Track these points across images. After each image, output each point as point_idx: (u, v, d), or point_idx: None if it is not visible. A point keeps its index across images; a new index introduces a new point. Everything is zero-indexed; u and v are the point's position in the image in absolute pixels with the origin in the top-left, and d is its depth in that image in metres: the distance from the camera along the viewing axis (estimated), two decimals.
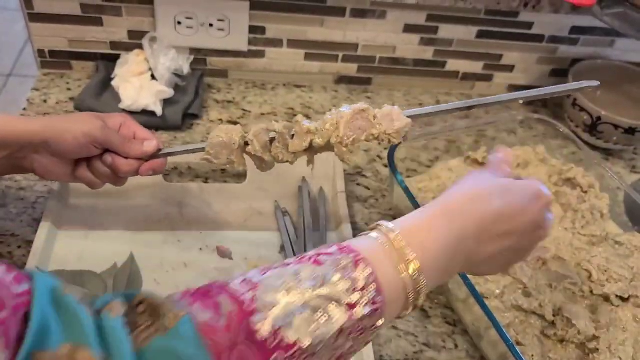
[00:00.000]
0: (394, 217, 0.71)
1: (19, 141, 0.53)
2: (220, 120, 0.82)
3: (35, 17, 0.79)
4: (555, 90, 0.53)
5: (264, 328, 0.33)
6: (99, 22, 0.80)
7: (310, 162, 0.54)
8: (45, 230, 0.62)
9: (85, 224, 0.65)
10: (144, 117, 0.77)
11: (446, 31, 0.85)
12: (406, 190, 0.63)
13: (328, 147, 0.52)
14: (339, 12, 0.82)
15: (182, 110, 0.79)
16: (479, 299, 0.55)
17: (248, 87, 0.88)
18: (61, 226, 0.64)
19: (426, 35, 0.86)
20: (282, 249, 0.66)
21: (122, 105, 0.77)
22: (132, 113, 0.77)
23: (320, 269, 0.36)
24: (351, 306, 0.35)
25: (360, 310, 0.35)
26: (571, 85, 0.54)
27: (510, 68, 0.92)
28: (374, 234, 0.40)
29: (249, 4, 0.79)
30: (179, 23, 0.80)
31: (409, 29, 0.85)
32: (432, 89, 0.93)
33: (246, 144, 0.54)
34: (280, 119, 0.83)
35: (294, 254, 0.65)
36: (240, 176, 0.72)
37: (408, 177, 0.74)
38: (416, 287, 0.39)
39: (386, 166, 0.78)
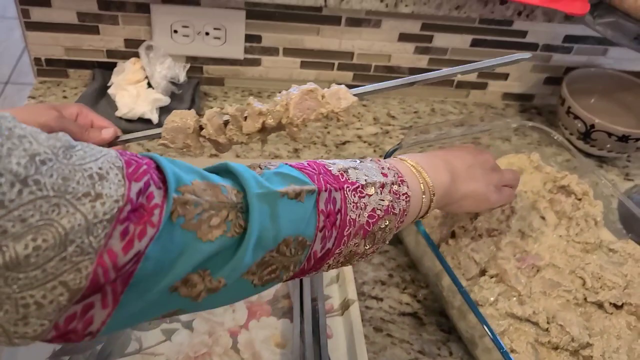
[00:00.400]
0: None
1: None
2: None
3: (32, 26, 0.80)
4: (491, 63, 0.59)
5: (334, 168, 0.44)
6: (95, 31, 0.81)
7: (263, 142, 0.56)
8: None
9: None
10: (140, 124, 0.77)
11: (441, 40, 0.86)
12: None
13: (280, 127, 0.54)
14: (335, 20, 0.82)
15: None
16: (473, 306, 0.55)
17: (244, 95, 0.88)
18: None
19: (421, 43, 0.86)
20: None
21: (118, 113, 0.77)
22: (128, 121, 0.77)
23: (356, 160, 0.48)
24: (384, 174, 0.47)
25: (390, 177, 0.47)
26: (506, 58, 0.59)
27: (504, 76, 0.92)
28: (399, 157, 0.54)
29: (245, 13, 0.80)
30: (175, 32, 0.81)
31: (404, 37, 0.85)
32: (427, 97, 0.94)
33: (201, 127, 0.55)
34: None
35: None
36: None
37: None
38: (430, 199, 0.51)
39: None
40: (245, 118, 0.54)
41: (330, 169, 0.45)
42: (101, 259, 0.30)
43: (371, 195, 0.45)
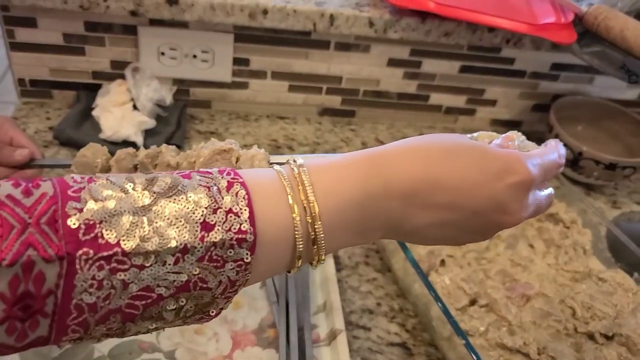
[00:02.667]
0: (378, 252, 0.71)
1: None
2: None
3: (16, 46, 0.78)
4: None
5: (79, 215, 0.28)
6: (81, 52, 0.80)
7: None
8: None
9: None
10: (125, 147, 0.75)
11: (429, 65, 0.86)
12: None
13: None
14: (324, 45, 0.82)
15: (164, 141, 0.78)
16: (463, 336, 0.54)
17: (231, 118, 0.88)
18: None
19: (410, 69, 0.86)
20: (263, 284, 0.65)
21: (102, 136, 0.76)
22: (113, 143, 0.76)
23: (182, 180, 0.31)
24: (207, 226, 0.30)
25: (219, 234, 0.30)
26: None
27: (492, 102, 0.93)
28: (277, 166, 0.35)
29: (234, 36, 0.79)
30: (163, 54, 0.80)
31: (392, 62, 0.85)
32: (416, 122, 0.93)
33: (110, 167, 0.52)
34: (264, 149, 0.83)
35: (275, 290, 0.63)
36: None
37: None
38: (309, 235, 0.33)
39: None
40: (155, 166, 0.50)
41: (70, 214, 0.28)
42: None
43: (145, 266, 0.29)
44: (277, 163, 0.40)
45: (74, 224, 0.28)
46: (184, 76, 0.83)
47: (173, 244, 0.29)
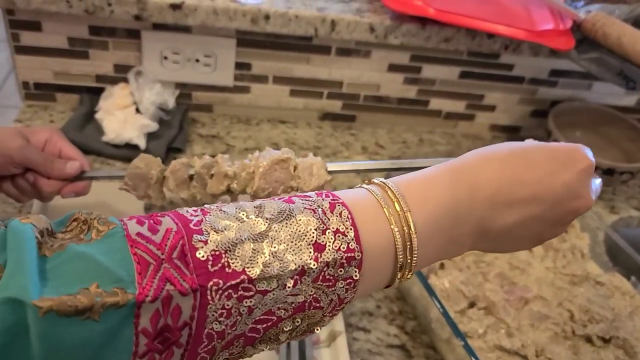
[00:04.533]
0: None
1: None
2: (204, 154, 0.81)
3: (21, 50, 0.79)
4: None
5: (205, 248, 0.29)
6: (85, 56, 0.80)
7: (233, 200, 0.51)
8: None
9: None
10: (128, 150, 0.76)
11: (429, 71, 0.87)
12: None
13: (245, 193, 0.49)
14: (325, 50, 0.83)
15: (166, 144, 0.78)
16: (462, 338, 0.55)
17: (233, 122, 0.88)
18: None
19: (410, 74, 0.87)
20: None
21: (105, 138, 0.76)
22: (115, 146, 0.77)
23: (288, 205, 0.32)
24: (318, 247, 0.31)
25: (331, 254, 0.31)
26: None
27: (491, 108, 0.93)
28: (366, 185, 0.36)
29: (236, 41, 0.80)
30: (165, 58, 0.81)
31: (393, 68, 0.86)
32: (416, 127, 0.94)
33: (165, 178, 0.51)
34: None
35: None
36: None
37: None
38: (406, 245, 0.33)
39: None
40: (212, 176, 0.49)
41: (197, 247, 0.28)
42: None
43: (268, 291, 0.29)
44: (336, 171, 0.43)
45: (203, 256, 0.28)
46: (187, 80, 0.84)
47: (292, 266, 0.30)
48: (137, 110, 0.79)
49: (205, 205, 0.32)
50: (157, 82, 0.81)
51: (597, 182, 0.41)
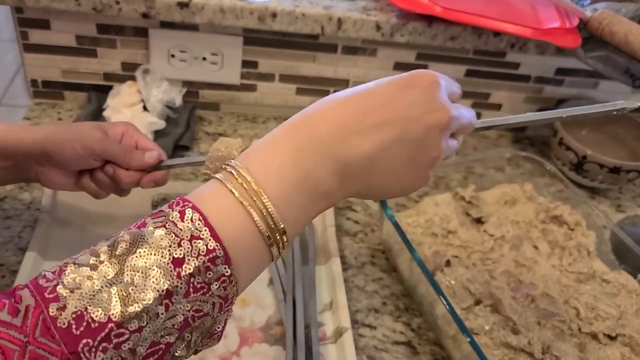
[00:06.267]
0: (384, 252, 0.72)
1: (19, 151, 0.53)
2: None
3: (29, 48, 0.80)
4: (589, 110, 0.47)
5: (65, 313, 0.28)
6: (93, 54, 0.81)
7: None
8: (31, 260, 0.61)
9: (71, 254, 0.64)
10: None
11: (435, 69, 0.86)
12: (396, 224, 0.64)
13: None
14: (331, 48, 0.83)
15: (173, 142, 0.79)
16: (469, 334, 0.55)
17: (239, 120, 0.89)
18: (47, 256, 0.63)
19: None
20: (271, 282, 0.66)
21: None
22: None
23: (139, 232, 0.32)
24: (177, 262, 0.31)
25: (192, 264, 0.31)
26: (609, 105, 0.47)
27: (497, 106, 0.93)
28: (217, 175, 0.36)
29: (243, 39, 0.81)
30: (173, 56, 0.81)
31: (399, 66, 0.86)
32: None
33: None
34: None
35: (283, 288, 0.64)
36: None
37: (397, 211, 0.74)
38: (265, 216, 0.33)
39: (376, 201, 0.79)
40: None
41: (56, 316, 0.28)
42: None
43: (144, 326, 0.30)
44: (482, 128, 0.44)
45: (64, 323, 0.28)
46: (194, 78, 0.84)
47: (154, 294, 0.30)
48: (145, 108, 0.80)
49: (64, 261, 0.32)
50: (165, 80, 0.81)
51: (455, 89, 0.41)
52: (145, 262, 0.30)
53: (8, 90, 1.91)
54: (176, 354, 0.32)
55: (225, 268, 0.32)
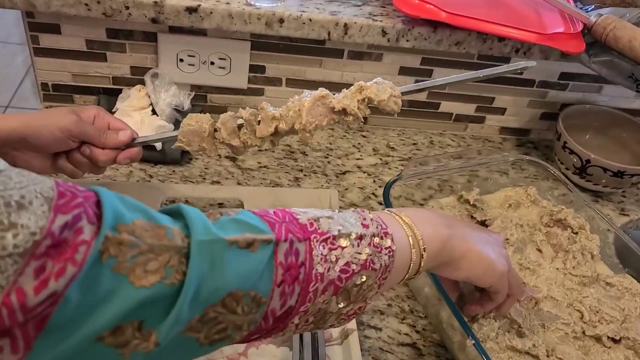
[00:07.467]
0: None
1: None
2: (219, 155, 0.83)
3: (40, 52, 0.81)
4: (499, 70, 0.61)
5: (303, 217, 0.41)
6: (103, 58, 0.82)
7: (275, 144, 0.57)
8: None
9: None
10: (144, 150, 0.77)
11: (440, 74, 0.88)
12: None
13: (292, 131, 0.55)
14: (337, 53, 0.84)
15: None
16: (474, 337, 0.55)
17: None
18: None
19: (421, 77, 0.88)
20: None
21: None
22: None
23: (334, 211, 0.45)
24: (364, 225, 0.43)
25: (372, 229, 0.43)
26: (512, 66, 0.61)
27: (502, 111, 0.94)
28: (386, 210, 0.50)
29: (250, 44, 0.82)
30: (181, 60, 0.82)
31: (404, 71, 0.87)
32: (426, 129, 0.95)
33: (216, 130, 0.57)
34: (278, 155, 0.85)
35: None
36: None
37: None
38: (412, 230, 0.47)
39: (381, 203, 0.79)
40: (259, 122, 0.55)
41: (297, 217, 0.41)
42: (7, 298, 0.26)
43: (345, 247, 0.41)
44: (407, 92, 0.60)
45: (303, 221, 0.41)
46: (202, 82, 0.85)
47: (355, 230, 0.42)
48: (154, 112, 0.81)
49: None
50: (173, 84, 0.82)
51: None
52: (348, 219, 0.43)
53: (17, 93, 1.93)
54: (354, 290, 0.42)
55: (391, 242, 0.44)
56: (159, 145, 0.78)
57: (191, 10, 0.74)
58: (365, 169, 0.86)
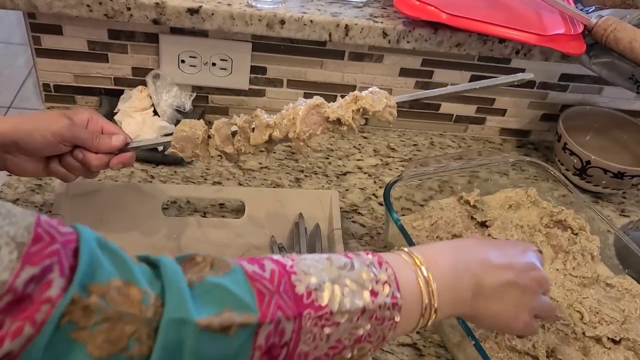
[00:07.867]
0: None
1: None
2: (220, 156, 0.83)
3: (42, 52, 0.81)
4: (498, 81, 0.62)
5: (301, 286, 0.37)
6: (104, 59, 0.82)
7: (269, 151, 0.57)
8: None
9: None
10: (145, 152, 0.78)
11: (441, 75, 0.88)
12: (401, 228, 0.65)
13: (286, 139, 0.55)
14: (338, 55, 0.84)
15: None
16: (474, 337, 0.56)
17: None
18: None
19: (421, 79, 0.88)
20: None
21: None
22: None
23: (348, 260, 0.41)
24: (374, 293, 0.39)
25: (382, 299, 0.39)
26: (510, 77, 0.62)
27: (502, 112, 0.94)
28: (397, 251, 0.46)
29: (251, 45, 0.82)
30: (183, 61, 0.83)
31: (404, 72, 0.87)
32: (427, 130, 0.95)
33: (210, 137, 0.56)
34: (279, 156, 0.85)
35: None
36: (238, 211, 0.73)
37: (403, 215, 0.75)
38: (430, 292, 0.43)
39: (381, 204, 0.80)
40: (253, 129, 0.55)
41: (295, 284, 0.37)
42: None
43: (340, 323, 0.37)
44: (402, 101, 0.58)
45: (300, 292, 0.37)
46: (203, 83, 0.86)
47: (360, 304, 0.38)
48: (155, 113, 0.81)
49: (287, 255, 0.40)
50: (175, 85, 0.82)
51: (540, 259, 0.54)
52: (356, 282, 0.39)
53: (19, 94, 1.93)
54: None
55: (397, 314, 0.40)
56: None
57: (192, 11, 0.75)
58: (366, 170, 0.86)
